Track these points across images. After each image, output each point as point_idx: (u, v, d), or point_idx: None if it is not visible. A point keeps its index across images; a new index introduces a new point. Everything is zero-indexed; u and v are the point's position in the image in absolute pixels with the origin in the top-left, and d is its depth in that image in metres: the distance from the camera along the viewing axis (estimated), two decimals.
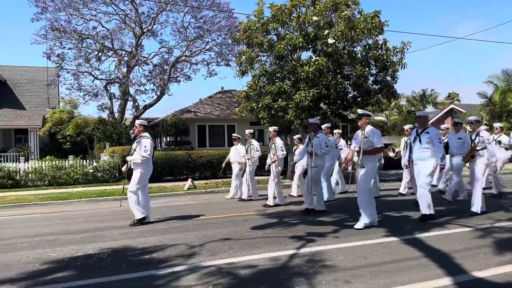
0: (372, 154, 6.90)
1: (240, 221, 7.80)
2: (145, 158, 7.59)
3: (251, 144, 10.50)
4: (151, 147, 7.70)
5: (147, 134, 7.90)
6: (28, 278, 4.58)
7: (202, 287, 4.20)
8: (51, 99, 26.20)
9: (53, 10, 21.93)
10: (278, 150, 9.63)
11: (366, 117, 7.05)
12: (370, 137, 6.88)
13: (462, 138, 9.14)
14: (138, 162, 7.65)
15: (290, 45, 14.20)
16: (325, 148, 8.44)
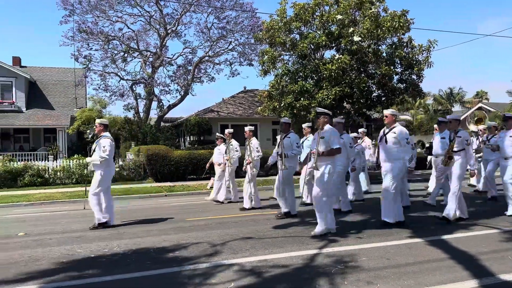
0: (328, 156, 6.34)
1: (262, 220, 7.82)
2: (104, 159, 7.26)
3: (230, 144, 10.09)
4: (110, 147, 7.35)
5: (107, 134, 7.57)
6: (56, 273, 4.74)
7: (224, 285, 4.24)
8: (78, 99, 26.92)
9: (80, 12, 22.54)
10: (253, 151, 9.13)
11: (324, 116, 6.55)
12: (327, 137, 6.37)
13: (445, 137, 8.54)
14: (97, 164, 7.34)
15: (313, 43, 14.14)
16: (296, 149, 8.02)
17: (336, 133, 6.51)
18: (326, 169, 6.33)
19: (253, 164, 9.09)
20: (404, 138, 6.73)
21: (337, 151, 6.36)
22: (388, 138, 6.79)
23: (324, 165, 6.33)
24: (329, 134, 6.39)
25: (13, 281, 4.46)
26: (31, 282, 4.41)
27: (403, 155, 6.74)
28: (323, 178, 6.32)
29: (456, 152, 7.25)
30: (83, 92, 28.15)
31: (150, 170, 16.47)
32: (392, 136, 6.75)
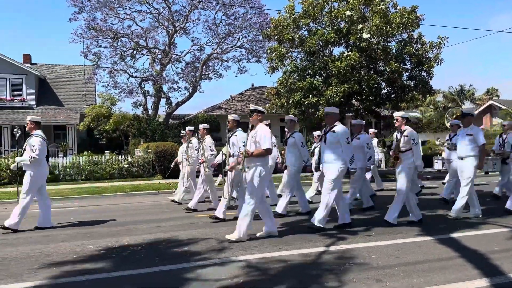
0: (259, 157, 5.87)
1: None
2: (34, 159, 6.88)
3: (190, 143, 9.44)
4: (40, 146, 6.92)
5: (38, 132, 7.14)
6: (66, 268, 4.78)
7: (232, 281, 4.25)
8: (88, 96, 27.12)
9: (90, 9, 22.68)
10: (206, 150, 8.60)
11: (257, 114, 6.10)
12: (258, 137, 5.94)
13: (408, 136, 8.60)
14: (27, 164, 6.99)
15: (322, 40, 14.07)
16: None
17: (268, 133, 5.96)
18: (256, 171, 5.84)
19: (206, 164, 8.56)
20: (345, 137, 6.32)
21: (267, 152, 5.86)
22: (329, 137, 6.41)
23: (254, 167, 5.87)
24: (261, 134, 5.92)
25: (24, 276, 4.52)
26: (42, 277, 4.46)
27: (344, 155, 6.32)
28: (252, 181, 5.87)
29: (403, 152, 6.87)
30: (93, 89, 28.34)
31: (159, 166, 16.57)
32: (332, 136, 6.35)
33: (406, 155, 6.86)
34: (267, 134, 5.93)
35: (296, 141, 7.96)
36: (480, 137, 7.13)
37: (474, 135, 7.15)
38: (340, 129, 6.38)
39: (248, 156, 5.85)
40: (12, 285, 4.23)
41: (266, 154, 5.91)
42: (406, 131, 6.92)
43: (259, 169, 5.86)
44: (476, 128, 7.27)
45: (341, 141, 6.32)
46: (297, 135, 8.08)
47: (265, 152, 5.85)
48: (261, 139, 5.88)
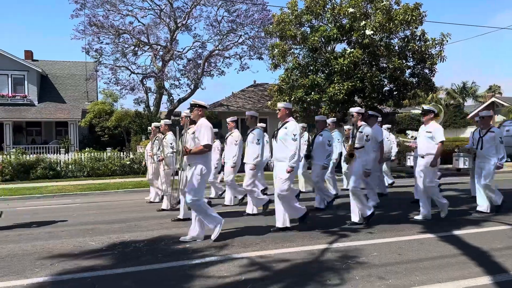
0: (198, 154, 5.62)
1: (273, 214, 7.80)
2: None
3: (160, 139, 8.76)
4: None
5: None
6: (68, 265, 4.79)
7: (235, 278, 4.24)
8: (89, 93, 27.12)
9: (91, 6, 22.60)
10: (167, 147, 8.31)
11: (197, 108, 5.87)
12: (197, 132, 5.70)
13: (363, 132, 8.48)
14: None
15: (324, 37, 14.02)
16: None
17: (207, 129, 5.66)
18: (197, 170, 5.60)
19: (165, 162, 8.31)
20: (292, 134, 5.98)
21: (206, 148, 5.61)
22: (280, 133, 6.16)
23: (194, 165, 5.62)
24: (200, 130, 5.67)
25: (27, 272, 4.52)
26: (44, 273, 4.47)
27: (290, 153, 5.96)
28: (192, 180, 5.61)
29: (357, 149, 6.61)
30: (94, 86, 28.33)
31: None
32: (283, 132, 6.10)
33: (361, 152, 6.63)
34: (207, 130, 5.65)
35: (323, 140, 8.01)
36: (438, 134, 6.82)
37: (433, 133, 6.86)
38: (291, 125, 6.06)
39: (186, 154, 5.64)
40: (14, 281, 4.23)
41: (206, 151, 5.65)
42: (361, 127, 6.69)
43: (199, 167, 5.60)
44: (435, 125, 6.95)
45: (289, 137, 5.98)
46: (326, 133, 8.11)
47: (205, 149, 5.61)
48: (200, 135, 5.64)
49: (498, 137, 7.33)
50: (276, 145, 6.20)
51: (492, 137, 7.32)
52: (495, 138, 7.31)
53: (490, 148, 7.34)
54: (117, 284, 4.18)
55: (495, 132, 7.38)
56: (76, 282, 4.23)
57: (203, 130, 5.65)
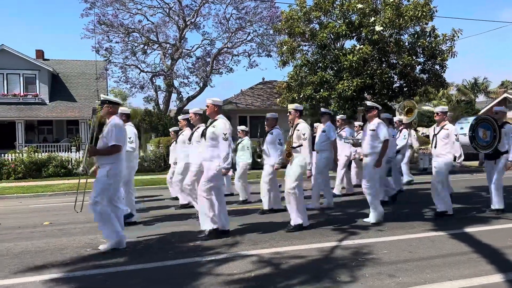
0: (106, 155, 5.27)
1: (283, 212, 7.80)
2: None
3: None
4: None
5: None
6: (80, 262, 4.85)
7: (244, 275, 4.26)
8: (100, 92, 27.31)
9: (101, 5, 22.77)
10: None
11: (108, 105, 5.48)
12: (105, 132, 5.32)
13: (326, 131, 8.02)
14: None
15: (333, 33, 13.95)
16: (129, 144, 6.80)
17: (118, 128, 5.30)
18: (104, 171, 5.24)
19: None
20: (222, 133, 5.62)
21: (115, 149, 5.23)
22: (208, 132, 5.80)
23: (103, 166, 5.28)
24: (109, 129, 5.28)
25: (39, 269, 4.59)
26: (56, 270, 4.53)
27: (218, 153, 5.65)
28: (97, 181, 5.26)
29: (295, 148, 6.24)
30: (105, 85, 28.54)
31: None
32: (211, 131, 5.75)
33: (298, 151, 6.22)
34: (115, 129, 5.26)
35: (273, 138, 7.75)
36: (382, 132, 6.45)
37: (376, 130, 6.48)
38: (220, 124, 5.69)
39: (93, 154, 5.34)
40: (28, 278, 4.30)
41: (114, 152, 5.24)
42: (299, 125, 6.30)
43: (106, 169, 5.24)
44: (379, 123, 6.57)
45: (219, 137, 5.63)
46: (276, 131, 7.75)
47: (112, 149, 5.23)
48: (108, 134, 5.27)
49: (510, 133, 7.07)
50: (204, 144, 5.82)
51: (503, 133, 7.10)
52: (507, 133, 7.07)
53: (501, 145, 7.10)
54: (128, 281, 4.22)
55: (505, 128, 7.13)
56: (88, 279, 4.28)
57: (113, 129, 5.25)
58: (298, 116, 6.44)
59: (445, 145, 6.80)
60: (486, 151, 7.10)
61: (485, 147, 7.02)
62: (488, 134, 7.01)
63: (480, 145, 6.99)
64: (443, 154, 6.83)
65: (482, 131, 7.01)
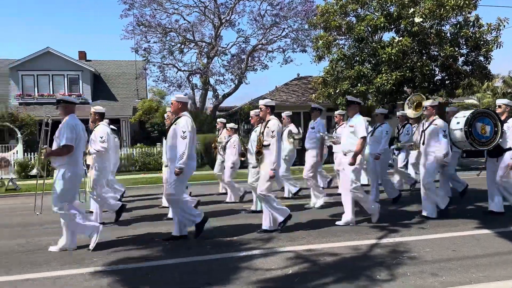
0: (59, 156, 5.09)
1: (320, 209, 7.74)
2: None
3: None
4: None
5: None
6: (123, 255, 5.03)
7: (282, 271, 4.27)
8: (139, 91, 28.12)
9: (139, 6, 23.37)
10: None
11: (63, 105, 5.29)
12: (57, 132, 5.15)
13: (315, 127, 7.66)
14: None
15: (371, 26, 13.61)
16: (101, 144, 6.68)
17: (70, 127, 5.09)
18: (59, 173, 5.08)
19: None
20: (181, 131, 5.35)
21: (66, 149, 5.04)
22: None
23: (58, 168, 5.11)
24: (62, 128, 5.12)
25: (85, 262, 4.80)
26: (101, 263, 4.71)
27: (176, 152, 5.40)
28: (55, 185, 5.11)
29: (266, 146, 5.85)
30: (144, 84, 29.32)
31: (207, 157, 16.94)
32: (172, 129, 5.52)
33: (269, 149, 5.82)
34: (66, 129, 5.08)
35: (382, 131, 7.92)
36: (360, 129, 6.03)
37: (355, 127, 6.09)
38: (182, 121, 5.43)
39: (47, 155, 5.17)
40: (74, 270, 4.50)
41: (66, 152, 5.05)
42: (269, 122, 5.88)
43: (62, 170, 5.08)
44: (359, 118, 6.16)
45: (178, 135, 5.36)
46: (386, 126, 7.98)
47: (63, 150, 5.05)
48: (60, 134, 5.11)
49: None
50: (166, 144, 5.64)
51: (507, 127, 6.47)
52: (510, 128, 6.44)
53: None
54: (168, 274, 4.33)
55: (509, 122, 6.49)
56: (130, 272, 4.43)
57: (64, 129, 5.09)
58: (270, 113, 6.00)
59: (434, 142, 6.35)
60: (484, 148, 6.49)
61: (484, 143, 6.38)
62: (488, 130, 6.38)
63: (478, 141, 6.36)
64: (432, 152, 6.37)
65: (481, 126, 6.39)
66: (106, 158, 6.95)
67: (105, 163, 6.92)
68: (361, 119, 6.14)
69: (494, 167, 6.60)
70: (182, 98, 5.74)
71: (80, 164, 5.27)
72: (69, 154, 5.07)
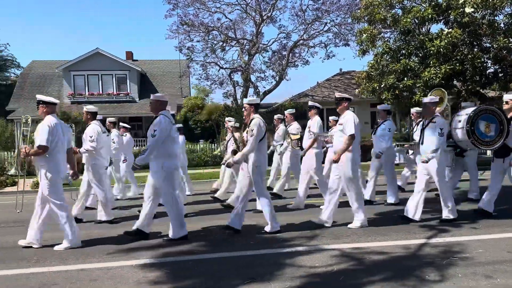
0: (36, 156, 5.12)
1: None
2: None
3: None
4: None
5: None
6: (169, 249, 5.18)
7: (326, 268, 4.23)
8: (183, 89, 28.77)
9: (183, 5, 23.89)
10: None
11: (42, 105, 5.23)
12: (35, 132, 5.13)
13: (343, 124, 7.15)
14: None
15: (418, 18, 13.13)
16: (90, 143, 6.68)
17: (45, 128, 5.05)
18: (41, 173, 5.12)
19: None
20: (152, 129, 5.38)
21: (40, 150, 5.03)
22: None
23: (40, 168, 5.12)
24: (38, 128, 5.08)
25: (136, 254, 4.99)
26: (150, 255, 4.88)
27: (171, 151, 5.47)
28: (41, 184, 5.14)
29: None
30: (187, 82, 29.96)
31: None
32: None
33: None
34: (42, 129, 5.06)
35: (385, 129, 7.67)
36: (349, 126, 5.75)
37: (344, 124, 5.82)
38: (155, 120, 5.49)
39: (25, 155, 5.18)
40: (124, 261, 4.69)
41: (41, 153, 5.06)
42: (252, 121, 5.66)
43: (42, 171, 5.11)
44: (347, 116, 5.85)
45: (149, 133, 5.41)
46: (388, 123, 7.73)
47: (39, 150, 5.06)
48: (38, 134, 5.08)
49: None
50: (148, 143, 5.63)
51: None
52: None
53: None
54: (213, 267, 4.41)
55: None
56: (177, 264, 4.55)
57: (41, 130, 5.08)
58: (254, 111, 5.81)
59: (433, 141, 5.90)
60: (489, 148, 6.05)
61: (488, 143, 5.94)
62: (493, 128, 5.92)
63: (482, 140, 5.93)
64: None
65: (485, 124, 5.93)
66: (100, 155, 6.96)
67: (97, 160, 6.91)
68: (350, 116, 5.85)
69: (500, 168, 6.11)
70: (159, 96, 5.87)
71: (60, 164, 5.25)
72: (48, 155, 5.08)
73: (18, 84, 27.82)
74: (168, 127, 5.48)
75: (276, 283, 3.87)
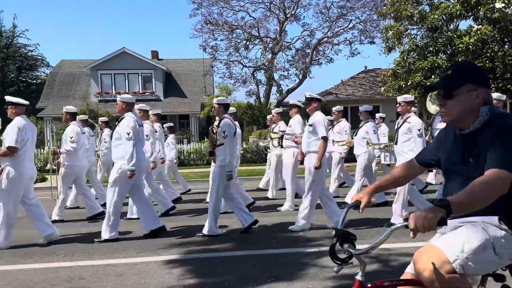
0: (4, 156, 5.12)
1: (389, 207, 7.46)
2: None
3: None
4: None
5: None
6: (194, 246, 5.23)
7: (350, 270, 4.14)
8: (207, 87, 29.02)
9: (207, 5, 24.08)
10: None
11: (11, 107, 5.23)
12: (4, 133, 5.15)
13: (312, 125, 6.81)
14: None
15: (446, 14, 12.84)
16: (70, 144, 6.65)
17: (14, 129, 5.08)
18: (4, 172, 5.10)
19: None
20: (125, 132, 5.27)
21: (8, 151, 5.05)
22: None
23: (4, 167, 5.13)
24: (7, 129, 5.13)
25: (160, 250, 5.06)
26: (174, 252, 4.95)
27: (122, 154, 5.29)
28: (2, 183, 5.12)
29: (218, 146, 5.53)
30: (211, 81, 30.20)
31: None
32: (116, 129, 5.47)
33: (220, 150, 5.55)
34: (11, 130, 5.10)
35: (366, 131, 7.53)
36: (320, 128, 5.64)
37: (313, 126, 5.70)
38: (125, 122, 5.35)
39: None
40: (149, 258, 4.77)
41: (9, 154, 5.08)
42: (222, 121, 5.58)
43: (7, 169, 5.12)
44: (317, 117, 5.73)
45: (122, 136, 5.29)
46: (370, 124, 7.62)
47: (7, 151, 5.08)
48: (6, 135, 5.13)
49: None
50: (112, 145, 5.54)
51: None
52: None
53: None
54: (237, 265, 4.43)
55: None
56: (201, 261, 4.60)
57: (10, 131, 5.12)
58: (223, 111, 5.73)
59: (407, 141, 5.72)
60: None
61: None
62: None
63: None
64: (405, 152, 5.69)
65: None
66: (76, 156, 6.95)
67: (75, 161, 6.92)
68: (321, 118, 5.76)
69: None
70: (126, 98, 5.68)
71: (26, 165, 5.26)
72: (16, 155, 5.12)
73: (47, 83, 28.67)
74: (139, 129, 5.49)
75: (299, 283, 3.85)
